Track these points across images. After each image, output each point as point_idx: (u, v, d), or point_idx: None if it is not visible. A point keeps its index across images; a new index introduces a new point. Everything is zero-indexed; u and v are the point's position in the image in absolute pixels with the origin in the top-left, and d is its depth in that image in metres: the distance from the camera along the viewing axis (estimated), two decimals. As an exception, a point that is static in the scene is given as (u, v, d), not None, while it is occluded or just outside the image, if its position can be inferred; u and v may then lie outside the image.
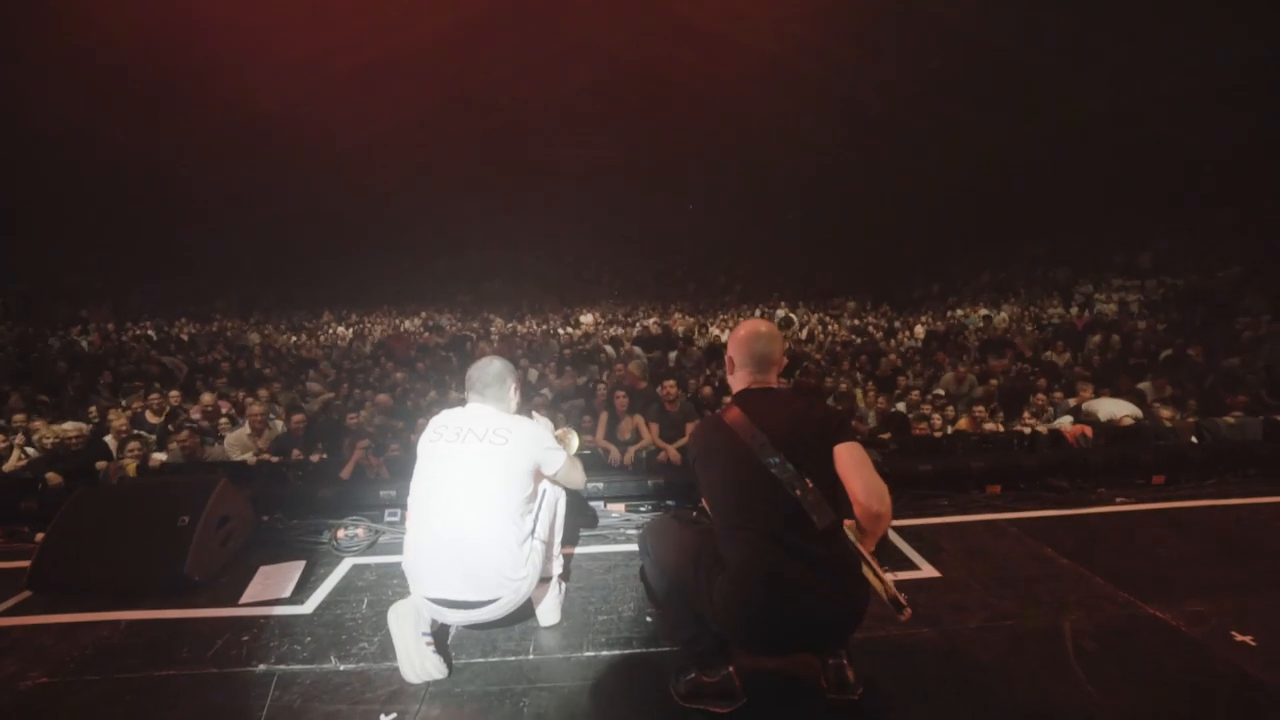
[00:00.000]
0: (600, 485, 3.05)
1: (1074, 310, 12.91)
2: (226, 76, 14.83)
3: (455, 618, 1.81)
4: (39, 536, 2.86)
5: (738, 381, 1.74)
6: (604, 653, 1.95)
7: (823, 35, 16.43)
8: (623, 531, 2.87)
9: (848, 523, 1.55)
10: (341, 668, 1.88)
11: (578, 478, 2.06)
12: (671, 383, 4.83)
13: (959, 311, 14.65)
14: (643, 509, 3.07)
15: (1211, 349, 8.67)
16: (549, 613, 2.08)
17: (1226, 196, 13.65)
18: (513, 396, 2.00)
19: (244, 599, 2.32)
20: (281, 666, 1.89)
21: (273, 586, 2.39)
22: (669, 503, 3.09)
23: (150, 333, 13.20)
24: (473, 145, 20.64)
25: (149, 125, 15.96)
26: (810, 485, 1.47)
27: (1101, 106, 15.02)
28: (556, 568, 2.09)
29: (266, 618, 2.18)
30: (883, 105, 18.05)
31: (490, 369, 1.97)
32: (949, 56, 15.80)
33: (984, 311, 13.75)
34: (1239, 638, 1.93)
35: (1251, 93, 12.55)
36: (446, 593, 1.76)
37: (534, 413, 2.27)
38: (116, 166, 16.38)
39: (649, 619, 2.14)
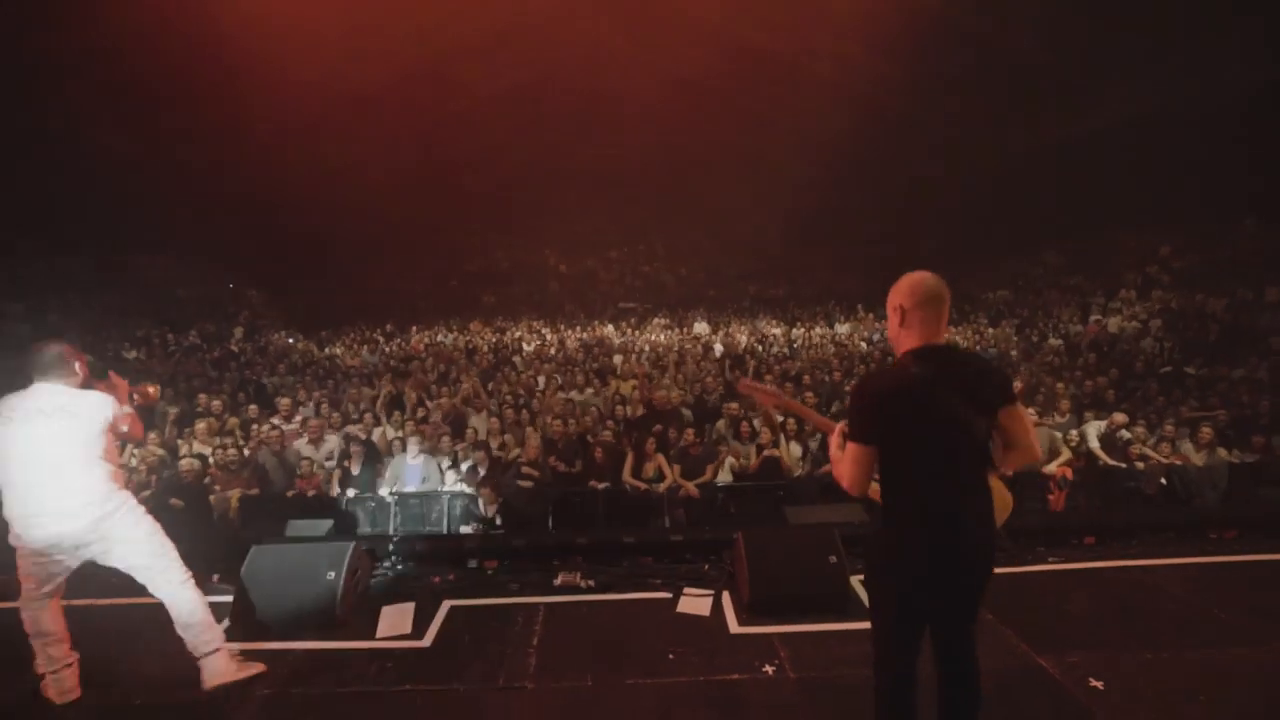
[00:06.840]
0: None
1: (1091, 319, 13.22)
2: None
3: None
4: (215, 577, 3.85)
5: (910, 336, 1.77)
6: None
7: (834, 38, 16.32)
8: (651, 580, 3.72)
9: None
10: (461, 688, 2.77)
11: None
12: (690, 431, 5.69)
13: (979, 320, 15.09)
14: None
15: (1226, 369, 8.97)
16: None
17: (1247, 206, 13.74)
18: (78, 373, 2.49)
19: (380, 633, 3.24)
20: (422, 687, 2.79)
21: (398, 624, 3.31)
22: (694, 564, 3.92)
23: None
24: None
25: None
26: (988, 431, 1.74)
27: (1121, 113, 15.10)
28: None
29: (402, 650, 3.10)
30: (897, 110, 18.13)
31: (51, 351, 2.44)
32: (965, 62, 15.81)
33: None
34: (1093, 683, 2.68)
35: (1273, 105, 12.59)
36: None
37: None
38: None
39: None
